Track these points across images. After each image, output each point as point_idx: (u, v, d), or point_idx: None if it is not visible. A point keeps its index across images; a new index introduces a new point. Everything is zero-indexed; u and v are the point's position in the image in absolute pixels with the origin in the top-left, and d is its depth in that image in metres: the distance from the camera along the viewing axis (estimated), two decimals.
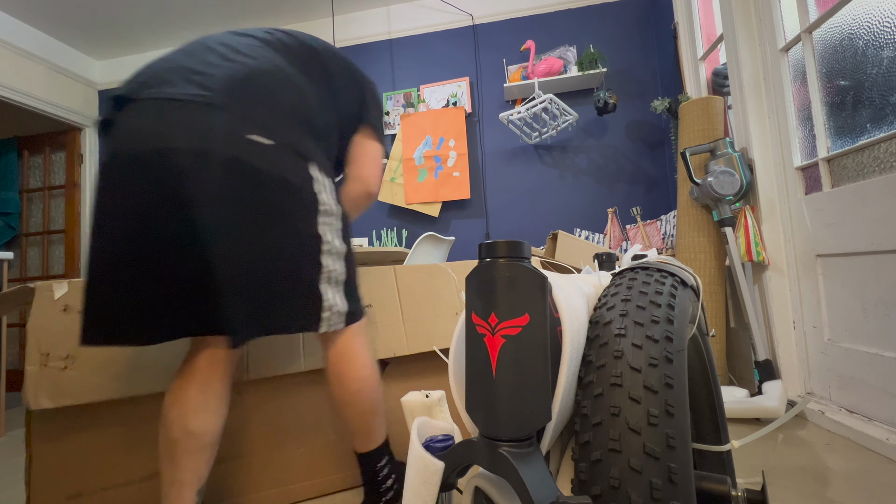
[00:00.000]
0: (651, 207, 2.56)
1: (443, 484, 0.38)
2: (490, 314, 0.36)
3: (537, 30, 2.78)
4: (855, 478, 1.02)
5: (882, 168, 1.21)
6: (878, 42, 1.21)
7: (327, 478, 1.11)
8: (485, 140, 2.79)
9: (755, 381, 1.52)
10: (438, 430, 0.46)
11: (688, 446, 0.35)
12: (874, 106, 1.23)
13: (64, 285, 0.90)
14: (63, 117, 3.03)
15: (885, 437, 1.13)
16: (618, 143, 2.64)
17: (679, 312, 0.45)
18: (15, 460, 1.52)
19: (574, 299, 0.43)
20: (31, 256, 3.35)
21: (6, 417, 2.18)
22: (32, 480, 0.88)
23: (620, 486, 0.33)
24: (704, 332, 0.65)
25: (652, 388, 0.36)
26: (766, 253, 1.57)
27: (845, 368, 1.32)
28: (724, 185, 1.58)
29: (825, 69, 1.41)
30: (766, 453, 1.18)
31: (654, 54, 2.63)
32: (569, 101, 2.65)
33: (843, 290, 1.33)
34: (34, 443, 0.89)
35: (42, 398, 0.84)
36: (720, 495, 0.46)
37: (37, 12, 2.71)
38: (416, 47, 2.93)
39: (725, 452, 0.63)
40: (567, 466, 0.43)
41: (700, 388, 0.65)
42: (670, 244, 2.25)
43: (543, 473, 0.34)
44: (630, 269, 0.52)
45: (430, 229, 2.78)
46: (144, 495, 0.96)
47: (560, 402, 0.37)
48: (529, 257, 0.38)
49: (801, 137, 1.53)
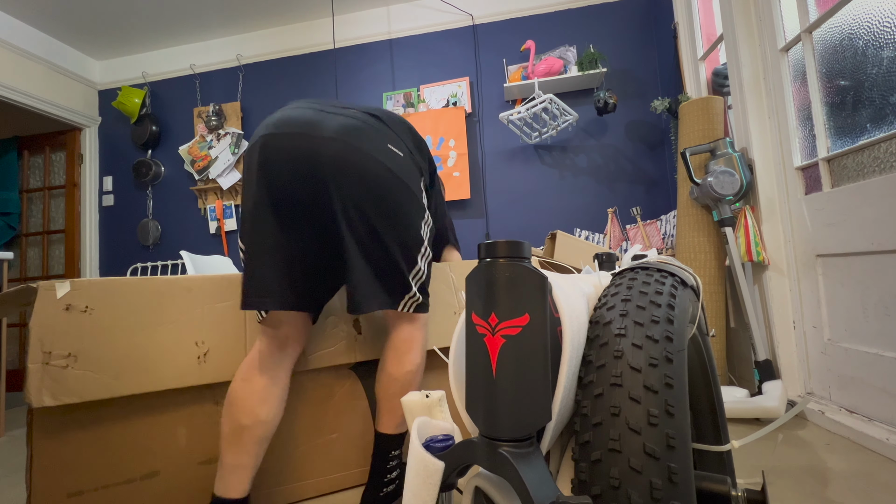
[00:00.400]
0: (651, 207, 2.56)
1: (443, 484, 0.38)
2: (490, 314, 0.36)
3: (537, 30, 2.78)
4: (855, 478, 1.02)
5: (882, 168, 1.21)
6: (878, 42, 1.21)
7: (327, 477, 1.11)
8: (485, 140, 2.79)
9: (755, 381, 1.52)
10: (438, 430, 0.46)
11: (688, 446, 0.35)
12: (874, 106, 1.23)
13: (66, 284, 0.90)
14: (63, 117, 3.03)
15: (885, 437, 1.13)
16: (618, 143, 2.64)
17: (679, 312, 0.45)
18: (15, 460, 1.52)
19: (574, 299, 0.43)
20: (31, 256, 3.35)
21: (6, 417, 2.18)
22: (33, 478, 0.88)
23: (620, 486, 0.33)
24: (704, 332, 0.65)
25: (652, 388, 0.36)
26: (766, 253, 1.57)
27: (845, 368, 1.32)
28: (724, 185, 1.58)
29: (825, 69, 1.41)
30: (766, 453, 1.18)
31: (654, 54, 2.63)
32: (569, 101, 2.65)
33: (843, 290, 1.33)
34: (35, 441, 0.89)
35: (44, 395, 0.85)
36: (720, 495, 0.46)
37: (37, 12, 2.71)
38: (416, 47, 2.93)
39: (725, 452, 0.63)
40: (567, 466, 0.43)
41: (700, 388, 0.65)
42: (670, 244, 2.25)
43: (543, 473, 0.34)
44: (630, 269, 0.52)
45: None
46: (145, 493, 0.96)
47: (560, 402, 0.37)
48: (529, 257, 0.38)
49: (801, 137, 1.53)
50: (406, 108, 2.88)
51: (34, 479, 0.88)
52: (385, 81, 2.94)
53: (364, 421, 1.16)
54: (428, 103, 2.85)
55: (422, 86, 2.88)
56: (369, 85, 2.96)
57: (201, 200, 3.04)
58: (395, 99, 2.91)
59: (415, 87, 2.89)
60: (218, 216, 3.00)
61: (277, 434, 1.08)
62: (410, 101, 2.88)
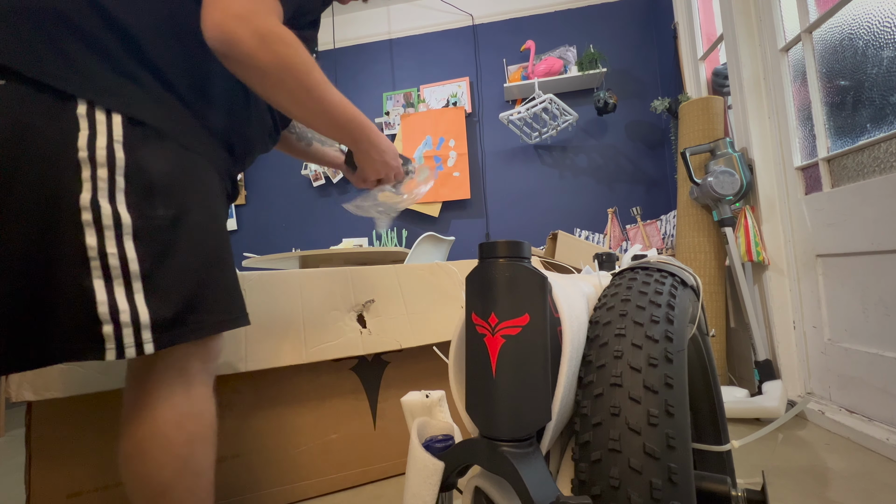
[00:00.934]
0: (651, 207, 2.56)
1: (443, 484, 0.38)
2: (490, 314, 0.36)
3: (537, 30, 2.78)
4: (855, 478, 1.02)
5: (882, 168, 1.21)
6: (878, 42, 1.21)
7: (327, 477, 1.11)
8: (485, 140, 2.79)
9: (755, 381, 1.52)
10: (438, 430, 0.46)
11: (688, 446, 0.35)
12: (874, 106, 1.23)
13: None
14: None
15: (885, 437, 1.13)
16: (618, 143, 2.64)
17: (679, 312, 0.45)
18: (15, 460, 1.52)
19: (574, 299, 0.43)
20: None
21: (6, 417, 2.18)
22: (32, 479, 0.88)
23: (620, 486, 0.33)
24: (704, 332, 0.65)
25: (652, 388, 0.36)
26: (766, 253, 1.57)
27: (845, 368, 1.32)
28: (724, 185, 1.58)
29: (825, 69, 1.41)
30: (766, 453, 1.18)
31: (654, 54, 2.63)
32: (569, 101, 2.65)
33: (843, 290, 1.33)
34: (34, 441, 0.89)
35: (24, 390, 0.83)
36: (720, 495, 0.46)
37: None
38: (416, 47, 2.93)
39: (725, 452, 0.63)
40: (567, 466, 0.43)
41: (700, 388, 0.65)
42: (670, 244, 2.25)
43: (543, 473, 0.34)
44: (630, 269, 0.52)
45: (430, 229, 2.78)
46: None
47: (560, 401, 0.37)
48: (529, 257, 0.38)
49: (801, 137, 1.53)
50: (406, 108, 2.88)
51: (33, 480, 0.88)
52: (385, 81, 2.94)
53: (364, 421, 1.16)
54: (428, 103, 2.85)
55: (422, 86, 2.88)
56: (369, 85, 2.96)
57: None
58: (395, 99, 2.91)
59: (415, 87, 2.89)
60: None
61: (277, 434, 1.08)
62: (410, 101, 2.88)
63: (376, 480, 1.15)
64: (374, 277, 1.18)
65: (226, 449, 1.02)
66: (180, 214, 0.56)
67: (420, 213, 2.81)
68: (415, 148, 2.79)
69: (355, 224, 2.91)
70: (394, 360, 1.21)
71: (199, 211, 0.58)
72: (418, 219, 2.83)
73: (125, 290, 0.52)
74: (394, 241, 2.83)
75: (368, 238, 2.89)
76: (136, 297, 0.52)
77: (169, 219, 0.55)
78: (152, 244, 0.53)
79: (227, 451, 1.03)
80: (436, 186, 2.76)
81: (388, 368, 1.20)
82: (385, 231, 2.84)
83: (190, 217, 0.57)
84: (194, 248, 0.57)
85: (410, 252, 1.54)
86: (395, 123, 2.87)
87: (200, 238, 0.58)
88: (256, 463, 1.05)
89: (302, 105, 0.63)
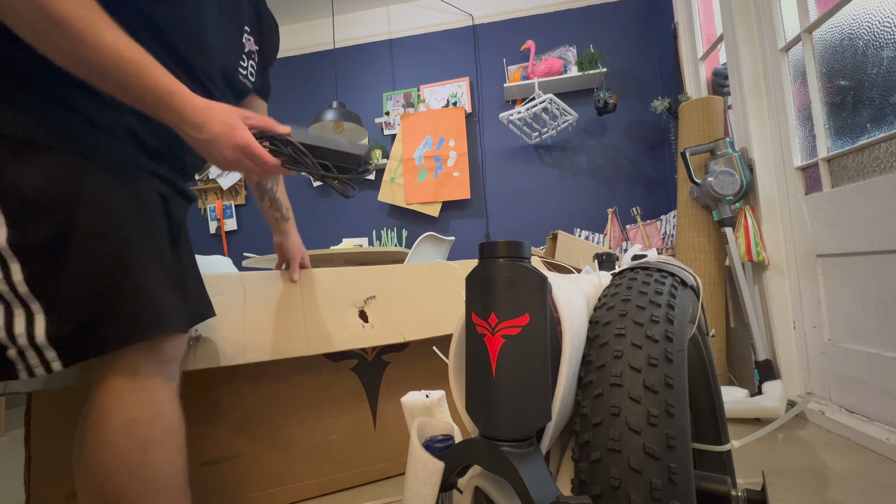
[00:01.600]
0: (651, 207, 2.56)
1: (443, 484, 0.38)
2: (490, 314, 0.36)
3: (537, 30, 2.78)
4: (855, 478, 1.02)
5: (882, 168, 1.21)
6: (878, 42, 1.21)
7: (327, 477, 1.11)
8: (485, 140, 2.79)
9: (755, 381, 1.52)
10: (438, 430, 0.46)
11: (688, 446, 0.35)
12: (874, 106, 1.23)
13: None
14: None
15: (885, 437, 1.13)
16: (618, 143, 2.64)
17: (679, 312, 0.45)
18: (15, 460, 1.52)
19: (574, 299, 0.43)
20: None
21: (6, 417, 2.18)
22: (32, 480, 0.88)
23: (620, 486, 0.33)
24: (704, 332, 0.65)
25: (652, 387, 0.36)
26: (766, 253, 1.57)
27: (845, 368, 1.32)
28: (724, 185, 1.58)
29: (825, 69, 1.41)
30: (766, 453, 1.18)
31: (654, 54, 2.63)
32: (569, 101, 2.65)
33: (843, 290, 1.33)
34: (33, 442, 0.89)
35: (11, 384, 0.83)
36: (720, 495, 0.46)
37: None
38: (416, 47, 2.93)
39: (725, 452, 0.63)
40: (567, 466, 0.43)
41: (700, 388, 0.65)
42: (670, 244, 2.25)
43: (543, 473, 0.34)
44: (630, 269, 0.52)
45: (430, 229, 2.78)
46: None
47: (560, 402, 0.37)
48: (529, 257, 0.38)
49: (801, 137, 1.53)
50: (406, 108, 2.88)
51: (33, 481, 0.88)
52: (385, 81, 2.94)
53: (364, 421, 1.16)
54: (428, 103, 2.85)
55: (422, 86, 2.88)
56: (369, 85, 2.96)
57: (201, 200, 3.05)
58: (395, 99, 2.91)
59: (415, 87, 2.89)
60: (218, 216, 3.00)
61: (277, 434, 1.08)
62: (410, 101, 2.88)
63: (376, 480, 1.15)
64: (375, 276, 1.18)
65: (226, 449, 1.03)
66: (66, 227, 0.53)
67: (420, 213, 2.81)
68: (415, 148, 2.79)
69: (355, 224, 2.91)
70: (394, 361, 1.21)
71: (91, 219, 0.54)
72: (418, 219, 2.83)
73: (24, 311, 0.51)
74: (394, 241, 2.84)
75: (368, 238, 2.89)
76: (35, 318, 0.51)
77: (52, 234, 0.52)
78: (39, 262, 0.52)
79: (227, 452, 1.03)
80: (436, 186, 2.76)
81: (388, 368, 1.20)
82: (385, 231, 2.84)
83: (79, 227, 0.53)
84: (88, 259, 0.54)
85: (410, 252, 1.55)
86: (396, 123, 2.87)
87: (95, 248, 0.54)
88: (257, 463, 1.05)
89: (49, 41, 0.48)
